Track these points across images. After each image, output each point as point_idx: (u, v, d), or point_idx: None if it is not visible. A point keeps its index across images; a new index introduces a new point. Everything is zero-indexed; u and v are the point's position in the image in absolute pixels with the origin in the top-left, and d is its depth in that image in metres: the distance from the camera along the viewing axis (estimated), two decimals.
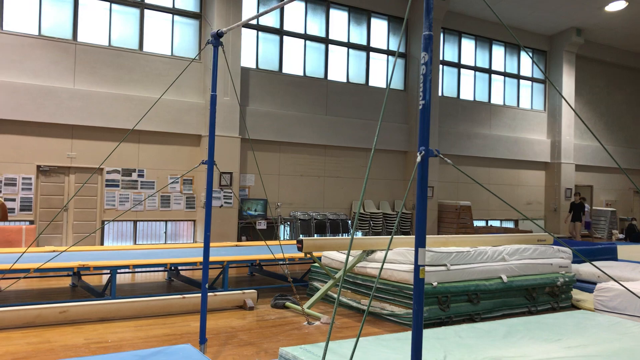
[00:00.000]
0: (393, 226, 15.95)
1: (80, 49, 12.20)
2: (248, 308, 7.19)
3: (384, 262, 2.72)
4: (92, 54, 12.31)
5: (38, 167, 11.82)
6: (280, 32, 14.95)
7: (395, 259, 7.02)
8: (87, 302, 6.47)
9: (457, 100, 18.30)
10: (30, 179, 11.71)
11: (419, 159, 2.94)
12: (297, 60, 15.27)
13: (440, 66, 17.72)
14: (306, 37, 15.38)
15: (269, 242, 7.18)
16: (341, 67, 16.05)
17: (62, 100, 11.85)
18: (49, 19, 12.03)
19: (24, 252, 5.90)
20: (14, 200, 11.48)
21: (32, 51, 11.68)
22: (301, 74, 15.30)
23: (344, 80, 16.07)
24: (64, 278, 8.76)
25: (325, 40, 15.71)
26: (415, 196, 3.19)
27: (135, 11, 12.98)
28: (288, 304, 7.32)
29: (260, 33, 14.66)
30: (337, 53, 15.97)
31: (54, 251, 7.65)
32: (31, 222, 11.62)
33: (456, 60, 18.40)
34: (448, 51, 18.23)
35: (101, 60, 12.41)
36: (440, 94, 17.65)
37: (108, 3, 12.64)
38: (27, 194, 11.69)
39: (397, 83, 17.12)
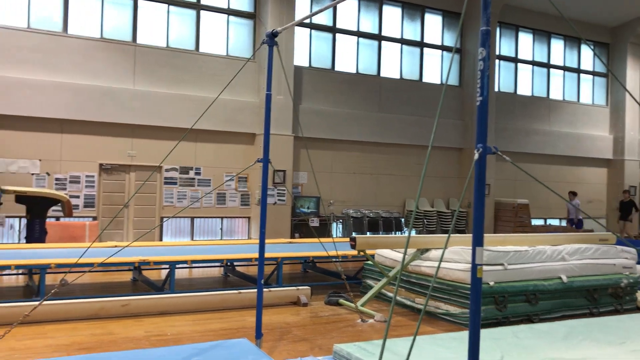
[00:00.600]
0: (447, 224, 15.73)
1: (140, 50, 12.59)
2: (302, 304, 7.25)
3: (440, 260, 2.70)
4: (150, 55, 12.68)
5: (100, 165, 12.28)
6: (333, 29, 14.97)
7: (450, 257, 6.92)
8: (147, 296, 6.68)
9: (514, 96, 17.85)
10: (93, 176, 12.18)
11: (476, 156, 2.89)
12: (349, 57, 15.26)
13: (497, 61, 17.33)
14: (359, 34, 15.34)
15: (322, 240, 7.21)
16: (394, 64, 15.93)
17: (123, 101, 12.26)
18: (110, 22, 12.46)
19: (89, 247, 6.15)
20: (78, 197, 11.97)
21: (94, 53, 12.14)
22: (354, 71, 15.28)
23: (397, 76, 15.94)
24: (126, 272, 9.08)
25: (378, 37, 15.63)
26: (471, 194, 3.15)
27: (192, 12, 13.29)
28: (341, 301, 7.34)
29: (313, 31, 14.73)
30: (390, 49, 15.86)
31: (115, 246, 7.92)
32: (94, 219, 12.09)
33: (513, 55, 17.94)
34: (504, 45, 17.79)
35: (159, 61, 12.77)
36: (496, 90, 17.26)
37: (166, 5, 12.98)
38: (90, 191, 12.17)
39: (452, 79, 16.86)
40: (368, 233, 14.33)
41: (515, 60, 17.99)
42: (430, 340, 4.73)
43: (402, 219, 15.34)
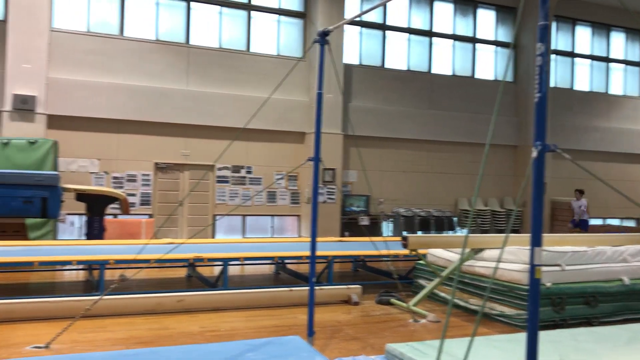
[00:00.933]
0: (501, 224, 15.38)
1: (193, 51, 12.85)
2: (353, 303, 7.24)
3: (498, 261, 2.64)
4: (203, 56, 12.93)
5: (156, 164, 12.62)
6: (383, 27, 14.88)
7: (505, 257, 6.76)
8: (201, 292, 6.82)
9: (570, 92, 17.28)
10: (149, 175, 12.53)
11: (534, 154, 2.82)
12: (400, 54, 15.13)
13: (552, 56, 16.81)
14: (410, 30, 15.19)
15: (373, 238, 7.18)
16: (446, 60, 15.69)
17: (177, 101, 12.55)
18: (165, 24, 12.78)
19: (147, 244, 6.33)
20: (134, 195, 12.34)
21: (149, 55, 12.47)
22: (404, 68, 15.14)
23: (449, 73, 15.70)
24: (180, 269, 9.28)
25: (430, 33, 15.43)
26: (528, 193, 3.06)
27: (243, 13, 13.47)
28: (393, 300, 7.29)
29: (363, 29, 14.68)
30: (441, 46, 15.64)
31: (170, 243, 8.12)
32: (150, 216, 12.43)
33: (569, 49, 17.37)
34: (561, 40, 17.24)
35: (212, 62, 13.00)
36: (552, 85, 16.75)
37: (218, 7, 13.20)
38: (146, 190, 12.52)
39: (507, 74, 16.45)
40: (419, 232, 14.17)
41: (572, 54, 17.41)
42: (485, 341, 4.63)
43: (455, 218, 15.10)
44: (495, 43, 16.32)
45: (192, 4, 12.95)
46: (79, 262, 7.43)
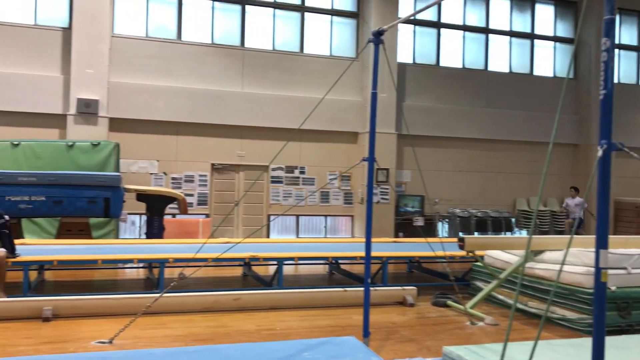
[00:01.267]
0: (561, 225, 14.90)
1: (248, 54, 13.05)
2: (408, 304, 7.17)
3: (562, 263, 2.56)
4: (258, 59, 13.11)
5: (212, 165, 12.88)
6: (437, 24, 14.68)
7: (567, 259, 6.54)
8: (257, 291, 6.91)
9: (636, 87, 16.56)
10: (205, 176, 12.81)
11: (600, 153, 2.71)
12: (455, 52, 14.89)
13: (616, 50, 16.16)
14: (465, 28, 14.93)
15: (429, 239, 7.10)
16: (502, 57, 15.33)
17: (232, 103, 12.78)
18: (220, 28, 13.03)
19: (205, 243, 6.47)
20: (192, 195, 12.64)
21: (206, 59, 12.75)
22: (459, 66, 14.89)
23: (506, 70, 15.33)
24: (236, 267, 9.44)
25: (486, 30, 15.12)
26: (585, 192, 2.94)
27: (296, 15, 13.57)
28: (449, 302, 7.18)
29: (416, 27, 14.52)
30: (498, 42, 15.29)
31: (227, 242, 8.27)
32: (207, 216, 12.69)
33: (635, 43, 16.64)
34: (625, 33, 16.54)
35: (266, 64, 13.16)
36: (615, 81, 16.08)
37: (272, 9, 13.35)
38: (203, 190, 12.81)
39: (565, 71, 15.92)
40: (475, 233, 13.90)
41: (637, 49, 16.67)
42: (546, 346, 4.49)
43: (513, 219, 14.73)
44: (555, 39, 15.82)
45: (247, 7, 13.15)
46: (139, 260, 7.67)
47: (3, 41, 11.48)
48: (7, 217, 6.72)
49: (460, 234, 13.66)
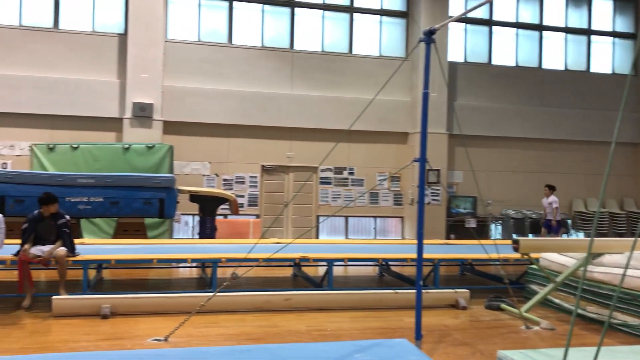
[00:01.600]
0: (621, 227, 14.34)
1: (297, 56, 13.14)
2: (460, 307, 7.04)
3: (626, 267, 2.45)
4: (306, 61, 13.18)
5: (262, 166, 13.03)
6: (489, 22, 14.39)
7: (629, 264, 6.28)
8: (308, 292, 6.94)
9: None
10: (256, 177, 12.97)
11: None
12: (508, 50, 14.56)
13: None
14: (518, 25, 14.58)
15: (482, 241, 6.95)
16: (557, 54, 14.89)
17: (281, 105, 12.90)
18: (270, 31, 13.17)
19: (256, 244, 6.54)
20: (242, 196, 12.81)
21: (256, 61, 12.91)
22: (512, 64, 14.55)
23: (562, 68, 14.88)
24: (285, 268, 9.50)
25: (539, 27, 14.73)
26: None
27: (345, 16, 13.57)
28: (503, 306, 7.01)
29: (468, 25, 14.28)
30: (552, 39, 14.86)
31: (277, 243, 8.35)
32: (257, 216, 12.85)
33: None
34: None
35: (315, 66, 13.22)
36: None
37: (321, 11, 13.40)
38: (253, 191, 12.97)
39: (625, 67, 15.31)
40: (530, 235, 13.54)
41: None
42: (607, 352, 4.32)
43: (569, 221, 14.27)
44: (614, 34, 15.25)
45: (296, 9, 13.24)
46: (193, 260, 7.83)
47: (64, 48, 11.95)
48: (67, 216, 6.97)
49: (514, 236, 13.33)
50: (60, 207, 6.95)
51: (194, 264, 9.20)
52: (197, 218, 11.33)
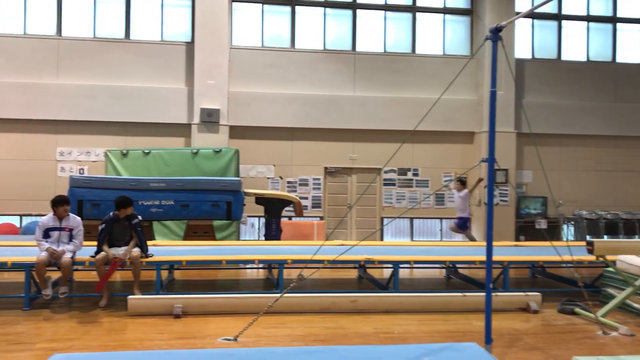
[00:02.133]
0: None
1: (359, 57, 13.13)
2: (532, 311, 6.83)
3: None
4: (369, 62, 13.15)
5: (325, 168, 13.10)
6: (558, 17, 13.90)
7: None
8: (374, 294, 6.91)
9: None
10: (319, 179, 13.05)
11: None
12: (578, 44, 14.01)
13: None
14: (589, 18, 14.01)
15: (554, 243, 6.72)
16: (634, 47, 14.20)
17: (344, 107, 12.93)
18: (332, 34, 13.24)
19: (321, 245, 6.58)
20: (306, 198, 12.93)
21: (318, 65, 13.00)
22: (583, 59, 13.99)
23: (638, 61, 14.17)
24: (350, 270, 9.51)
25: (613, 19, 14.09)
26: None
27: (408, 15, 13.45)
28: (578, 310, 6.75)
29: (535, 21, 13.84)
30: (627, 32, 14.19)
31: (342, 245, 8.37)
32: (321, 218, 12.92)
33: None
34: None
35: (377, 67, 13.17)
36: None
37: (382, 11, 13.34)
38: (317, 193, 13.06)
39: None
40: (605, 237, 12.96)
41: None
42: None
43: None
44: None
45: (358, 11, 13.25)
46: (260, 261, 7.97)
47: (135, 58, 12.46)
48: (139, 217, 7.25)
49: (588, 238, 12.80)
50: (134, 211, 7.25)
51: (261, 265, 9.36)
52: (262, 220, 11.51)
